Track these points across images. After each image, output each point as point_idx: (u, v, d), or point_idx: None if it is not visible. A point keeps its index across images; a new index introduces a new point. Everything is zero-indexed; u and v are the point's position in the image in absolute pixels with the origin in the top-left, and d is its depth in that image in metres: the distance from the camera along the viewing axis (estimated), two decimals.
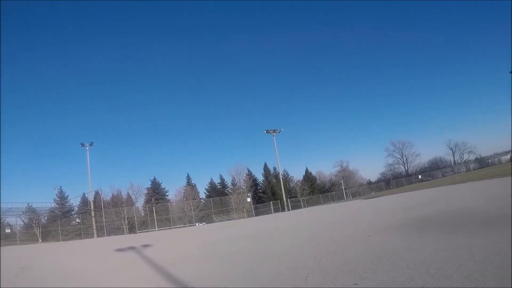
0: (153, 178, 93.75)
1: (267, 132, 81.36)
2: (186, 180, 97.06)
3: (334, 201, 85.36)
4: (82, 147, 72.43)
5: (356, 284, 8.14)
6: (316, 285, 8.66)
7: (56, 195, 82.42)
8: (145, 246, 27.38)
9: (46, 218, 77.63)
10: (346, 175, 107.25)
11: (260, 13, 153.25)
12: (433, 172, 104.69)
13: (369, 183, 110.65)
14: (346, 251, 12.69)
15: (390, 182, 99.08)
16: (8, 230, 71.36)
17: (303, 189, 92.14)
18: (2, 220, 71.68)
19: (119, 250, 26.41)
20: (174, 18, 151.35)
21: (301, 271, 10.40)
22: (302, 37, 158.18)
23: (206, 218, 76.94)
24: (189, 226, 69.42)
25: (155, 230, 66.47)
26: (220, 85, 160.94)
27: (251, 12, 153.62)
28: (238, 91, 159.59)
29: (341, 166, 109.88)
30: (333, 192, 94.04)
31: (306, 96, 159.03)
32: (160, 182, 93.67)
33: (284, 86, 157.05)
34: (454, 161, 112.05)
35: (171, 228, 67.85)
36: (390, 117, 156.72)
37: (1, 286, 13.98)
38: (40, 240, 67.12)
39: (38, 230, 69.91)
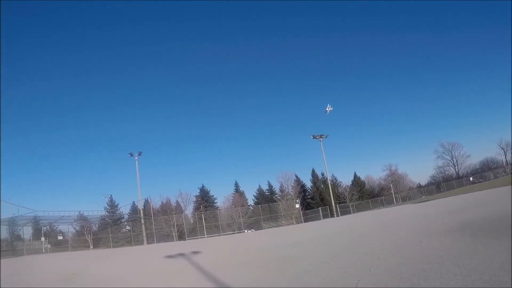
0: (201, 186, 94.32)
1: (314, 137, 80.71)
2: (234, 187, 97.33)
3: (383, 206, 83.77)
4: (131, 156, 73.63)
5: None
6: None
7: (107, 203, 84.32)
8: (195, 252, 27.54)
9: (97, 225, 79.44)
10: (395, 179, 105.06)
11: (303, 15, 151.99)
12: (485, 173, 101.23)
13: (419, 186, 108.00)
14: (396, 256, 12.49)
15: (440, 185, 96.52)
16: (60, 237, 73.25)
17: (352, 194, 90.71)
18: (44, 227, 73.66)
19: (169, 256, 26.65)
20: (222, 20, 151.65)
21: (351, 278, 10.28)
22: (351, 40, 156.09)
23: (255, 225, 76.83)
24: (238, 233, 69.47)
25: (204, 237, 66.84)
26: (267, 91, 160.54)
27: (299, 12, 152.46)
28: (284, 97, 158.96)
29: (390, 170, 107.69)
30: (383, 197, 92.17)
31: (352, 100, 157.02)
32: (208, 190, 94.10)
33: (329, 91, 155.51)
34: (506, 161, 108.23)
35: (220, 235, 68.02)
36: (438, 118, 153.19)
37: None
38: (91, 247, 68.47)
39: (89, 237, 71.38)
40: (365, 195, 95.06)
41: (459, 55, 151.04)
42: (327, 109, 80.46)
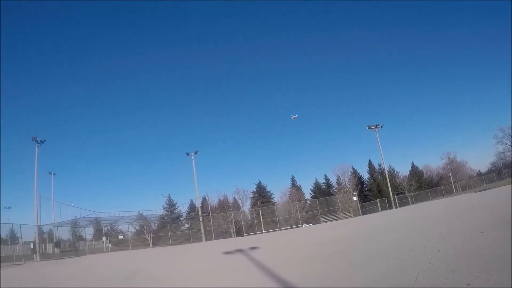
0: (258, 181, 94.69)
1: (369, 128, 79.48)
2: (291, 182, 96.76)
3: (443, 195, 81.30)
4: (188, 156, 74.57)
5: (468, 284, 7.74)
6: (426, 285, 8.32)
7: (165, 202, 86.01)
8: (253, 248, 27.68)
9: (156, 224, 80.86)
10: (454, 167, 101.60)
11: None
12: None
13: (479, 174, 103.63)
14: (457, 249, 12.16)
15: (501, 172, 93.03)
16: (121, 237, 75.12)
17: (410, 185, 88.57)
18: (104, 228, 75.67)
19: (227, 253, 26.88)
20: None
21: (411, 271, 10.09)
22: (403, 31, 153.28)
23: (312, 219, 76.47)
24: (295, 227, 69.37)
25: (262, 233, 67.06)
26: (320, 84, 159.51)
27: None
28: (338, 89, 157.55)
29: (449, 158, 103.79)
30: (442, 187, 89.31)
31: (407, 88, 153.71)
32: (265, 185, 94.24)
33: (383, 80, 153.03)
34: None
35: (278, 230, 68.04)
36: (497, 102, 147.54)
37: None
38: (151, 245, 69.83)
39: (149, 236, 72.89)
40: (423, 185, 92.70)
41: None
42: (293, 117, 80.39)
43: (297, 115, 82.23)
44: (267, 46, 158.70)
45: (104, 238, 71.78)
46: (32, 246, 50.13)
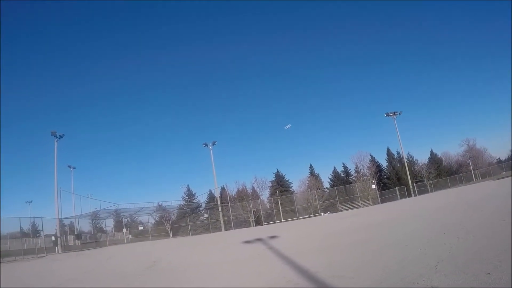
0: (276, 170, 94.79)
1: (387, 115, 79.13)
2: (309, 171, 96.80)
3: (462, 183, 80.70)
4: (206, 146, 74.89)
5: (489, 273, 7.73)
6: (446, 275, 8.32)
7: (184, 193, 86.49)
8: (272, 237, 27.77)
9: (175, 215, 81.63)
10: (473, 154, 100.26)
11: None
12: None
13: (499, 161, 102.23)
14: (477, 237, 12.11)
15: None
16: (141, 228, 76.04)
17: (429, 172, 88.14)
18: (124, 219, 76.36)
19: (247, 242, 26.99)
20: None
21: (431, 260, 10.05)
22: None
23: (331, 207, 76.54)
24: (314, 216, 69.44)
25: (281, 222, 67.25)
26: (337, 72, 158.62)
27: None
28: (355, 76, 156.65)
29: (468, 145, 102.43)
30: (461, 174, 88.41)
31: (425, 74, 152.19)
32: (283, 174, 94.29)
33: (400, 67, 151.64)
34: None
35: (297, 219, 68.27)
36: None
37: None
38: (171, 235, 70.53)
39: (168, 226, 73.59)
40: (442, 172, 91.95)
41: None
42: (286, 127, 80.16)
43: (290, 125, 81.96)
44: (283, 36, 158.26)
45: (124, 230, 72.60)
46: (53, 238, 51.05)
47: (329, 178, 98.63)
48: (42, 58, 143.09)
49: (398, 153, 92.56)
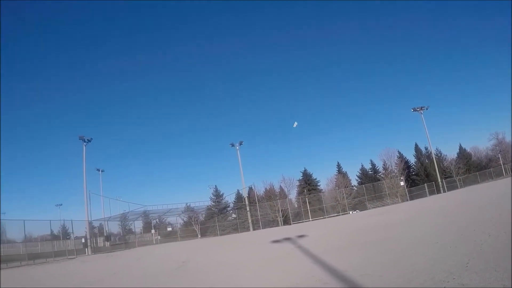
0: (303, 169, 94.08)
1: (414, 110, 78.39)
2: (337, 169, 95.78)
3: (492, 178, 79.30)
4: (233, 147, 75.20)
5: None
6: (477, 272, 8.22)
7: (212, 193, 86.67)
8: (300, 236, 27.77)
9: (203, 215, 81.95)
10: (503, 148, 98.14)
11: None
12: None
13: None
14: (508, 233, 11.89)
15: None
16: (169, 229, 76.74)
17: (458, 168, 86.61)
18: (153, 220, 76.94)
19: (275, 241, 27.02)
20: None
21: (461, 257, 9.96)
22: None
23: (359, 205, 76.10)
24: (342, 214, 69.21)
25: (309, 221, 67.14)
26: (364, 68, 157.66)
27: None
28: (381, 72, 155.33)
29: (497, 139, 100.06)
30: (491, 169, 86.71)
31: (452, 68, 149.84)
32: (311, 173, 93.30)
33: (428, 62, 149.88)
34: None
35: (325, 217, 68.06)
36: None
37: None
38: (199, 236, 70.85)
39: (197, 227, 73.99)
40: (472, 168, 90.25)
41: None
42: (294, 125, 79.34)
43: (296, 123, 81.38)
44: (311, 32, 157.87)
45: (153, 231, 73.36)
46: (83, 240, 51.79)
47: (356, 175, 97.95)
48: (67, 61, 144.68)
49: (426, 148, 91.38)
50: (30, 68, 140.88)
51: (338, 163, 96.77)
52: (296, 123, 79.67)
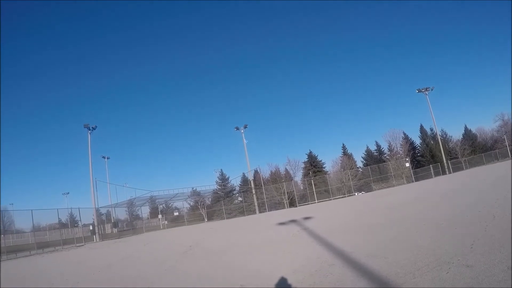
0: (308, 151, 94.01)
1: (419, 91, 78.06)
2: (342, 150, 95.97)
3: (498, 159, 78.97)
4: (237, 130, 75.13)
5: None
6: (482, 253, 8.29)
7: (218, 177, 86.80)
8: (306, 218, 27.86)
9: (210, 199, 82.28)
10: (508, 129, 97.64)
11: None
12: None
13: None
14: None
15: None
16: (176, 213, 77.25)
17: (464, 149, 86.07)
18: (160, 205, 77.44)
19: (281, 223, 27.14)
20: None
21: (466, 239, 10.04)
22: None
23: (365, 187, 76.07)
24: (348, 196, 69.29)
25: (315, 203, 67.22)
26: (368, 50, 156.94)
27: None
28: (386, 53, 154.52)
29: (503, 120, 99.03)
30: (496, 150, 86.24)
31: (457, 47, 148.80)
32: (316, 155, 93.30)
33: (433, 42, 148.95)
34: None
35: (331, 199, 68.14)
36: None
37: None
38: (206, 220, 71.27)
39: (203, 211, 74.23)
40: (477, 149, 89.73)
41: None
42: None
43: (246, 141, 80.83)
44: (312, 16, 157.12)
45: (160, 216, 73.60)
46: (91, 228, 52.18)
47: (362, 157, 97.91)
48: (74, 52, 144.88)
49: (431, 130, 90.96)
50: (36, 59, 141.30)
51: (343, 144, 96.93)
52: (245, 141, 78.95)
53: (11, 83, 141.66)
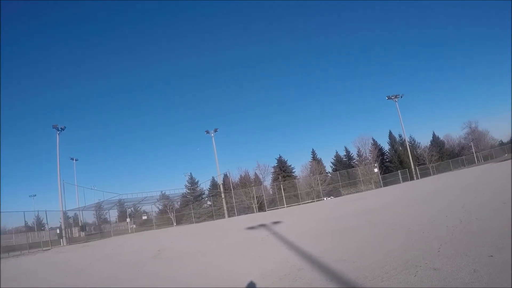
0: (278, 156, 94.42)
1: (389, 98, 78.93)
2: (312, 155, 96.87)
3: (464, 166, 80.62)
4: (208, 134, 75.01)
5: (491, 256, 7.78)
6: (449, 257, 8.40)
7: (187, 181, 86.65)
8: (275, 223, 27.94)
9: (179, 203, 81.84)
10: (475, 137, 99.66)
11: None
12: None
13: (501, 144, 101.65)
14: (480, 220, 12.18)
15: None
16: (144, 217, 76.61)
17: (431, 155, 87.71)
18: (128, 209, 76.84)
19: (251, 228, 27.15)
20: None
21: (434, 243, 10.17)
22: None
23: (333, 191, 76.66)
24: (317, 201, 69.67)
25: (284, 207, 67.43)
26: (340, 55, 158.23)
27: None
28: (356, 60, 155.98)
29: (470, 127, 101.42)
30: (463, 157, 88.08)
31: (426, 57, 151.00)
32: (285, 160, 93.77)
33: (402, 51, 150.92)
34: None
35: (300, 204, 68.43)
36: None
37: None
38: (175, 224, 70.80)
39: (172, 214, 73.77)
40: (445, 155, 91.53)
41: None
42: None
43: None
44: (284, 23, 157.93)
45: (128, 219, 73.03)
46: (58, 231, 51.36)
47: (331, 162, 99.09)
48: (42, 53, 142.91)
49: (400, 136, 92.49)
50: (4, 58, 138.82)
51: (313, 149, 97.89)
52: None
53: None
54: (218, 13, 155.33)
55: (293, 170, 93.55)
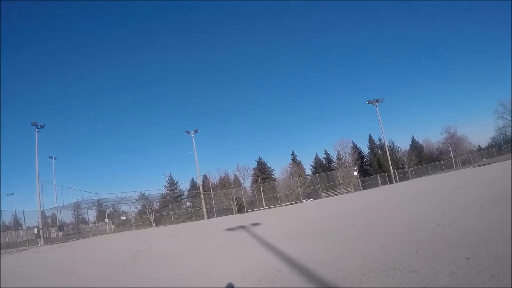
0: (258, 158, 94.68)
1: (369, 102, 79.08)
2: (291, 158, 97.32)
3: (443, 170, 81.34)
4: (188, 134, 74.71)
5: (468, 258, 7.88)
6: (427, 259, 8.48)
7: (167, 181, 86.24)
8: (254, 224, 27.92)
9: (158, 203, 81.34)
10: (454, 142, 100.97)
11: None
12: None
13: (479, 149, 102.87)
14: (457, 223, 12.32)
15: (501, 147, 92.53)
16: (123, 217, 75.92)
17: (410, 159, 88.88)
18: (107, 209, 76.31)
19: (230, 229, 27.11)
20: None
21: (412, 245, 10.26)
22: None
23: (313, 194, 76.80)
24: (296, 203, 69.72)
25: (264, 209, 67.39)
26: (321, 58, 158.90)
27: None
28: (338, 64, 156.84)
29: (449, 133, 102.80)
30: (442, 161, 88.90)
31: (407, 62, 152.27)
32: (265, 162, 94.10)
33: (384, 56, 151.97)
34: None
35: (279, 206, 68.45)
36: (497, 76, 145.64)
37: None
38: (154, 225, 70.35)
39: (151, 215, 73.29)
40: (423, 159, 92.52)
41: None
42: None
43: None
44: (267, 26, 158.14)
45: (106, 220, 72.42)
46: (35, 231, 50.65)
47: (311, 165, 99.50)
48: (22, 49, 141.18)
49: (379, 140, 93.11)
50: None
51: (293, 152, 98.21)
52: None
53: None
54: (200, 15, 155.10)
55: (273, 172, 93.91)
